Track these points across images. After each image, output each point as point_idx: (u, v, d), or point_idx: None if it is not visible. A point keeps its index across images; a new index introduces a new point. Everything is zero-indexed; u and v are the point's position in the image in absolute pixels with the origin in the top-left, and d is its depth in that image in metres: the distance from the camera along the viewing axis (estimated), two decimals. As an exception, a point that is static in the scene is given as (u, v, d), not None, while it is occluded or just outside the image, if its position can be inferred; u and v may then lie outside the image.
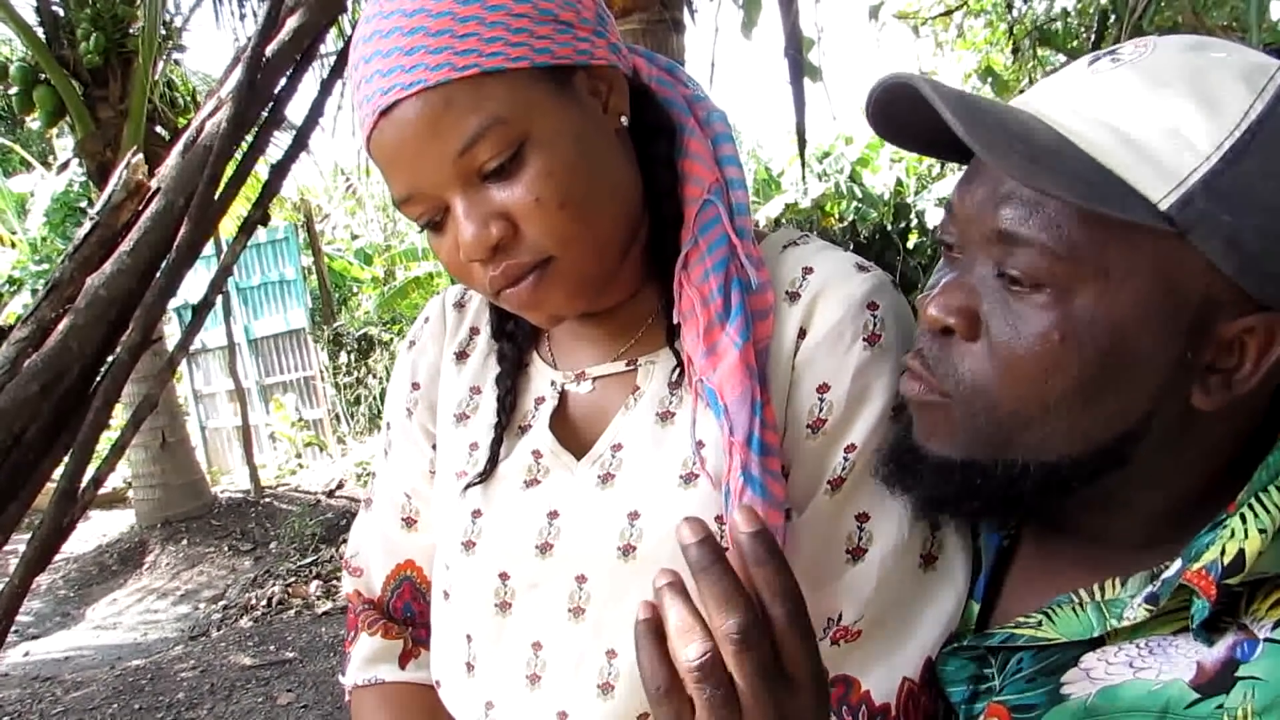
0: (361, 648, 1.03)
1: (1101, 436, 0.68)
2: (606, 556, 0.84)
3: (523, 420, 0.94)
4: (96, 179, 6.99)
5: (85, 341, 2.39)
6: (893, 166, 12.12)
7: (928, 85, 0.66)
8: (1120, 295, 0.63)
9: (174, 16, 6.96)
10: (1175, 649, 0.66)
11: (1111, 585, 0.72)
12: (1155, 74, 0.64)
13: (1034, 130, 0.65)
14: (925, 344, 0.74)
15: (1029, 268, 0.65)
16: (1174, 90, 0.63)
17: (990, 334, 0.69)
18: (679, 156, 0.88)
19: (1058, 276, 0.64)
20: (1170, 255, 0.62)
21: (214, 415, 11.55)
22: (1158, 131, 0.62)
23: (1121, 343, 0.64)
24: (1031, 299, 0.66)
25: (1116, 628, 0.69)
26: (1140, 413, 0.67)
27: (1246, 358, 0.64)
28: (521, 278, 0.79)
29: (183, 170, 2.41)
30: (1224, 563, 0.62)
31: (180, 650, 5.22)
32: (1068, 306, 0.65)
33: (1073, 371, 0.65)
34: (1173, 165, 0.61)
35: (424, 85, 0.73)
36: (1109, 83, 0.66)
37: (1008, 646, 0.76)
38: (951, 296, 0.71)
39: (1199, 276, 0.63)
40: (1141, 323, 0.64)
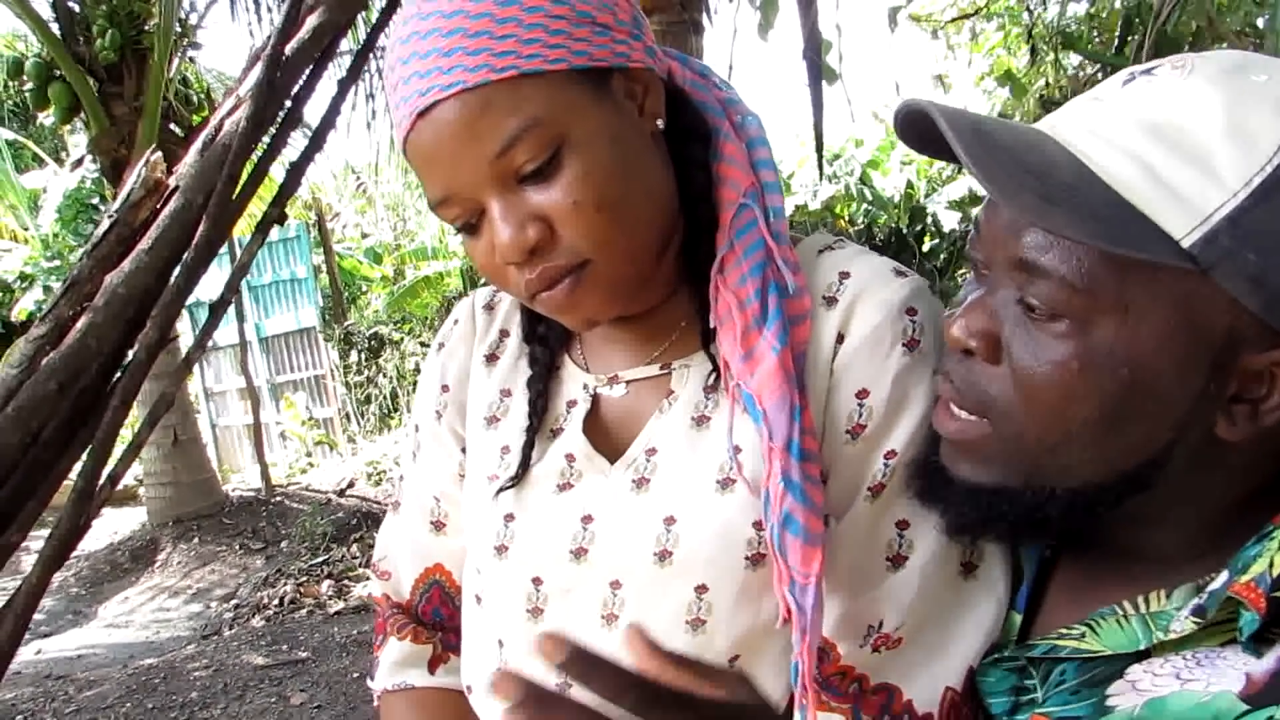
0: (390, 652, 1.02)
1: (1125, 464, 0.68)
2: (642, 561, 0.83)
3: (554, 424, 0.93)
4: (111, 176, 7.02)
5: (103, 339, 2.39)
6: (903, 169, 12.10)
7: (942, 117, 0.65)
8: (1140, 329, 0.63)
9: (189, 13, 6.99)
10: (1222, 660, 0.65)
11: (1156, 598, 0.71)
12: (1189, 100, 0.62)
13: (1053, 163, 0.64)
14: (952, 366, 0.74)
15: (1047, 298, 0.65)
16: (1206, 119, 0.61)
17: (1012, 358, 0.68)
18: (714, 160, 0.87)
19: (1076, 308, 0.64)
20: (1192, 291, 0.61)
21: (224, 413, 11.59)
22: (1185, 164, 0.60)
23: (1141, 375, 0.64)
24: (1050, 328, 0.66)
25: (1163, 640, 0.68)
26: (1163, 442, 0.66)
27: (1276, 389, 0.63)
28: (557, 281, 0.79)
29: (201, 169, 2.40)
30: (1273, 575, 0.62)
31: (192, 649, 5.23)
32: (1086, 338, 0.64)
33: (1093, 401, 0.65)
34: (1198, 201, 0.60)
35: (462, 86, 0.73)
36: (1141, 100, 0.64)
37: (1050, 658, 0.76)
38: (973, 319, 0.71)
39: (1223, 312, 0.62)
40: (1161, 357, 0.63)
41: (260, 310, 11.12)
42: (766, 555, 0.81)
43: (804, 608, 0.76)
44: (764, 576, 0.81)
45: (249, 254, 2.75)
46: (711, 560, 0.82)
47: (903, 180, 11.07)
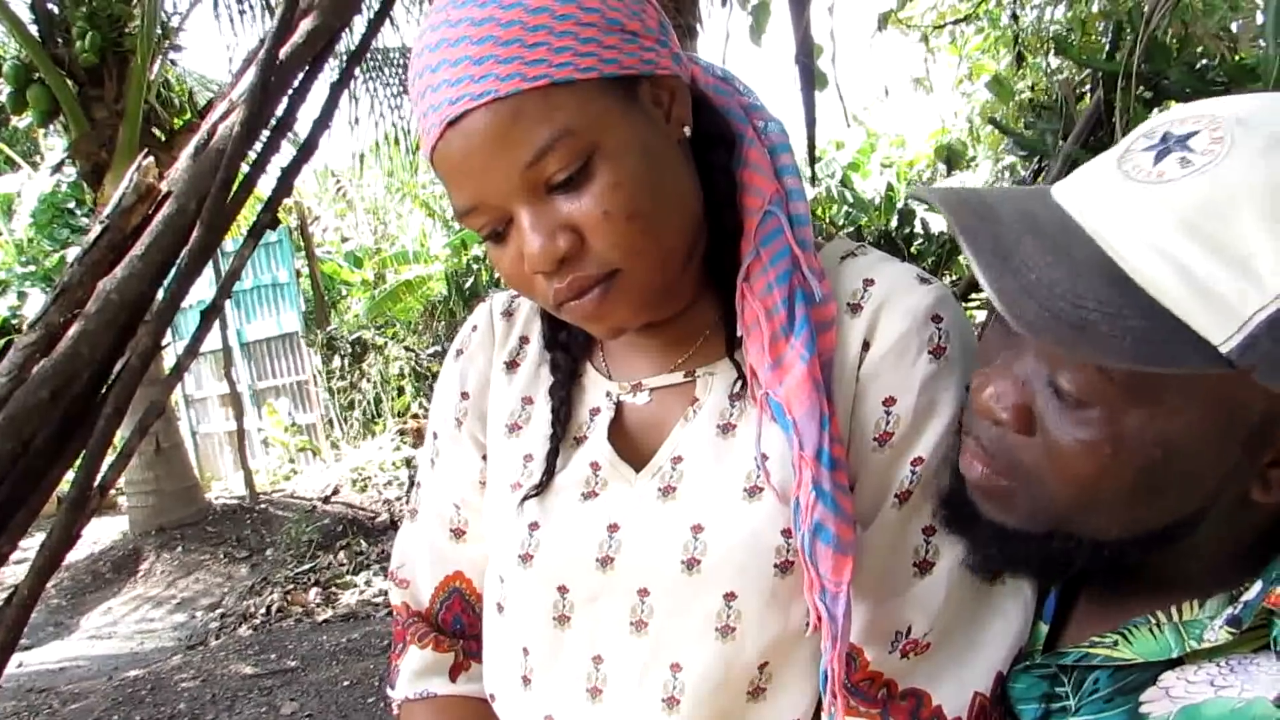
0: (411, 660, 1.02)
1: (1155, 524, 0.69)
2: (669, 570, 0.83)
3: (578, 431, 0.93)
4: (91, 180, 6.95)
5: (95, 347, 2.36)
6: (883, 172, 12.17)
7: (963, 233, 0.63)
8: (1174, 419, 0.63)
9: (171, 16, 6.93)
10: (1255, 667, 0.66)
11: (1189, 607, 0.72)
12: (1228, 190, 0.58)
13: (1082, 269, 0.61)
14: (981, 430, 0.73)
15: (1080, 387, 0.65)
16: (1245, 213, 0.57)
17: (1046, 431, 0.68)
18: (737, 166, 0.87)
19: (1109, 399, 0.64)
20: (1229, 388, 0.61)
21: (205, 420, 11.49)
22: (1224, 265, 0.57)
23: (1173, 455, 0.64)
24: (1082, 412, 0.65)
25: (1196, 649, 0.69)
26: (1194, 508, 0.67)
27: None
28: (587, 290, 0.78)
29: (195, 174, 2.38)
30: None
31: (179, 660, 5.17)
32: (1118, 425, 0.64)
33: (1125, 476, 0.65)
34: (1237, 304, 0.57)
35: (494, 96, 0.72)
36: (1176, 199, 0.59)
37: (1082, 666, 0.76)
38: (1004, 390, 0.70)
39: (1259, 400, 0.61)
40: (1195, 441, 0.63)
41: (242, 315, 11.03)
42: (795, 562, 0.81)
43: (835, 615, 0.76)
44: (792, 584, 0.81)
45: (240, 259, 2.73)
46: (740, 568, 0.82)
47: (883, 183, 11.12)
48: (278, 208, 2.69)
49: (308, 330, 10.73)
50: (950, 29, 8.47)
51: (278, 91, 2.45)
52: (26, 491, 2.34)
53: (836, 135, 12.22)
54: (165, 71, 7.29)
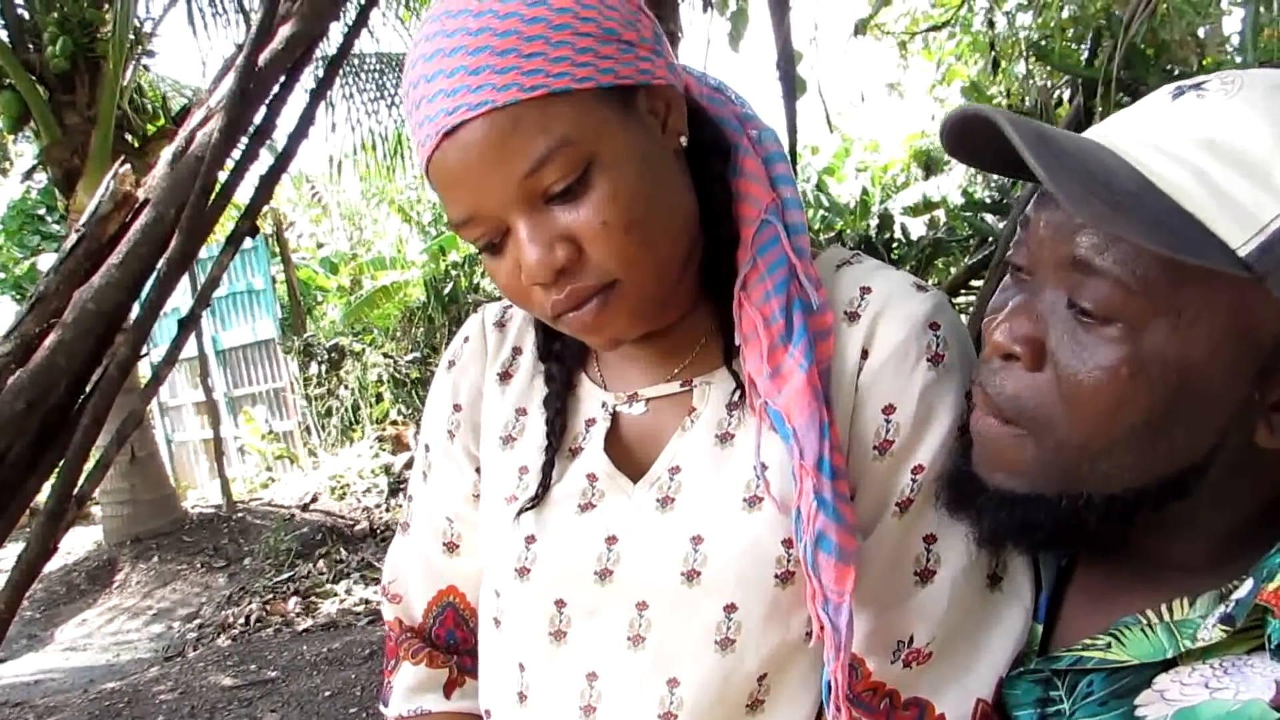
0: (404, 677, 1.00)
1: (1166, 470, 0.68)
2: (669, 582, 0.83)
3: (573, 443, 0.92)
4: (63, 186, 6.87)
5: (72, 357, 2.34)
6: (858, 176, 12.25)
7: (1008, 122, 0.65)
8: (1192, 335, 0.63)
9: (144, 21, 6.86)
10: (1250, 668, 0.66)
11: (1180, 606, 0.72)
12: (1241, 118, 0.63)
13: (1114, 172, 0.65)
14: (986, 376, 0.73)
15: (1102, 300, 0.65)
16: (1259, 136, 0.62)
17: (1057, 365, 0.68)
18: (733, 175, 0.87)
19: (1130, 311, 0.64)
20: (1246, 299, 0.62)
21: (180, 428, 11.37)
22: (1242, 177, 0.61)
23: (1189, 381, 0.64)
24: (1102, 331, 0.66)
25: (1189, 649, 0.69)
26: (1205, 448, 0.67)
27: None
28: (585, 301, 0.78)
29: (173, 181, 2.36)
30: None
31: (156, 671, 5.11)
32: (1138, 342, 0.64)
33: (1140, 406, 0.65)
34: (1255, 212, 0.61)
35: (491, 106, 0.72)
36: (1194, 117, 0.65)
37: (1076, 669, 0.76)
38: (1019, 324, 0.71)
39: (1274, 321, 0.63)
40: (1211, 363, 0.64)
41: (217, 322, 10.93)
42: (795, 573, 0.80)
43: (838, 626, 0.76)
44: (793, 594, 0.81)
45: (220, 267, 2.71)
46: (741, 579, 0.81)
47: (858, 187, 11.20)
48: (257, 215, 2.67)
49: (284, 337, 10.65)
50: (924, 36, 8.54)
51: (257, 98, 2.44)
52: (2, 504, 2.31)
53: (812, 140, 12.29)
54: (138, 77, 7.21)
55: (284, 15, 2.40)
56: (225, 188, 2.54)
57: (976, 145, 0.73)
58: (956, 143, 0.75)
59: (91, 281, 2.31)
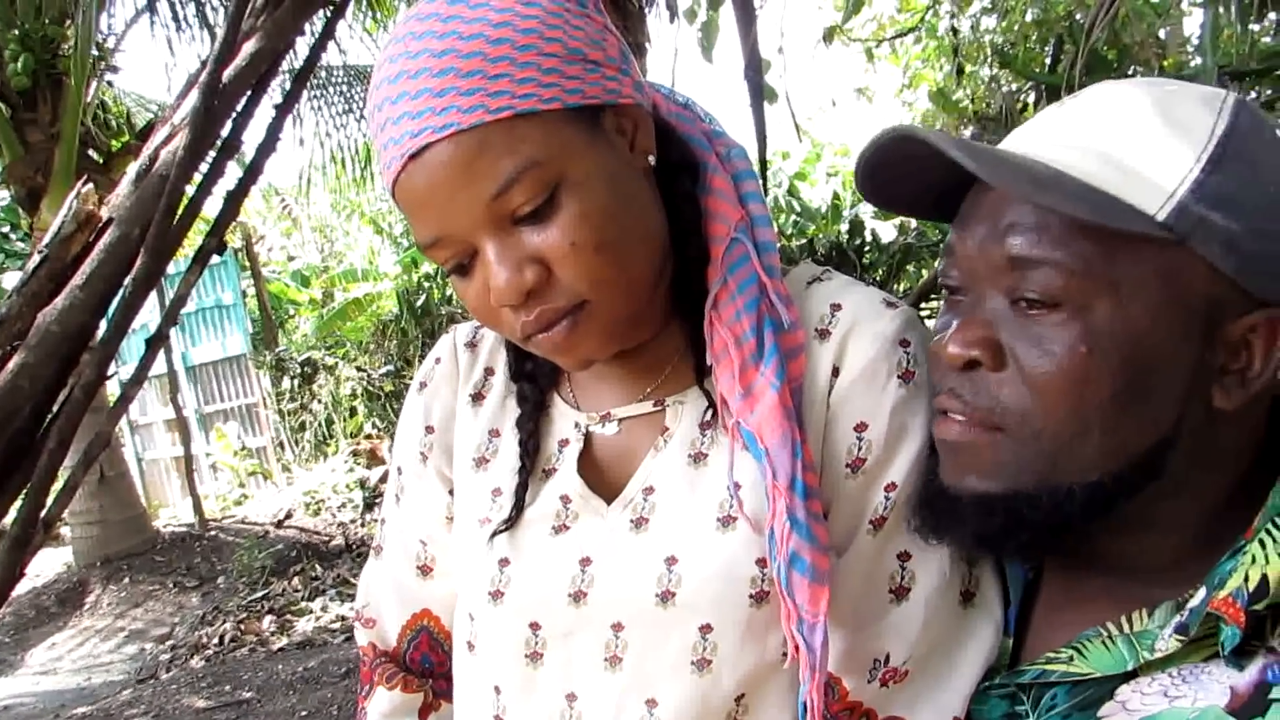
0: (379, 703, 0.99)
1: (1138, 447, 0.70)
2: (644, 603, 0.82)
3: (547, 464, 0.91)
4: (26, 204, 6.78)
5: (36, 379, 2.29)
6: (828, 181, 12.31)
7: (927, 132, 0.70)
8: (1134, 306, 0.67)
9: (107, 36, 6.79)
10: (1207, 675, 0.67)
11: (1139, 617, 0.73)
12: (1125, 107, 0.70)
13: (1030, 163, 0.69)
14: (954, 383, 0.74)
15: (1045, 286, 0.68)
16: (1145, 120, 0.69)
17: (1018, 360, 0.70)
18: (702, 193, 0.87)
19: (1073, 293, 0.67)
20: (1174, 263, 0.66)
21: (151, 446, 11.22)
22: (1142, 152, 0.67)
23: (1142, 350, 0.67)
24: (1050, 319, 0.68)
25: (1149, 659, 0.70)
26: (1172, 418, 0.69)
27: (1255, 355, 0.68)
28: (555, 322, 0.77)
29: (138, 200, 2.33)
30: (1249, 589, 0.64)
31: (129, 695, 5.03)
32: (1088, 320, 0.67)
33: (1104, 381, 0.67)
34: (1161, 180, 0.66)
35: (457, 128, 0.71)
36: (1083, 117, 0.72)
37: (1040, 683, 0.77)
38: (969, 331, 0.72)
39: (1202, 281, 0.67)
40: (1157, 330, 0.67)
41: (186, 339, 10.81)
42: (770, 592, 0.80)
43: (812, 646, 0.76)
44: (768, 614, 0.80)
45: (186, 285, 2.67)
46: (716, 599, 0.81)
47: (829, 191, 11.26)
48: (224, 232, 2.64)
49: (256, 352, 10.54)
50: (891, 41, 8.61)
51: (222, 114, 2.41)
52: (-33, 531, 2.27)
53: (783, 145, 12.34)
54: (102, 93, 7.14)
55: (248, 31, 2.38)
56: (191, 205, 2.51)
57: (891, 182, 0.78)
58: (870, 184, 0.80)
59: (55, 303, 2.27)
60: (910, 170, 0.75)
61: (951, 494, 0.75)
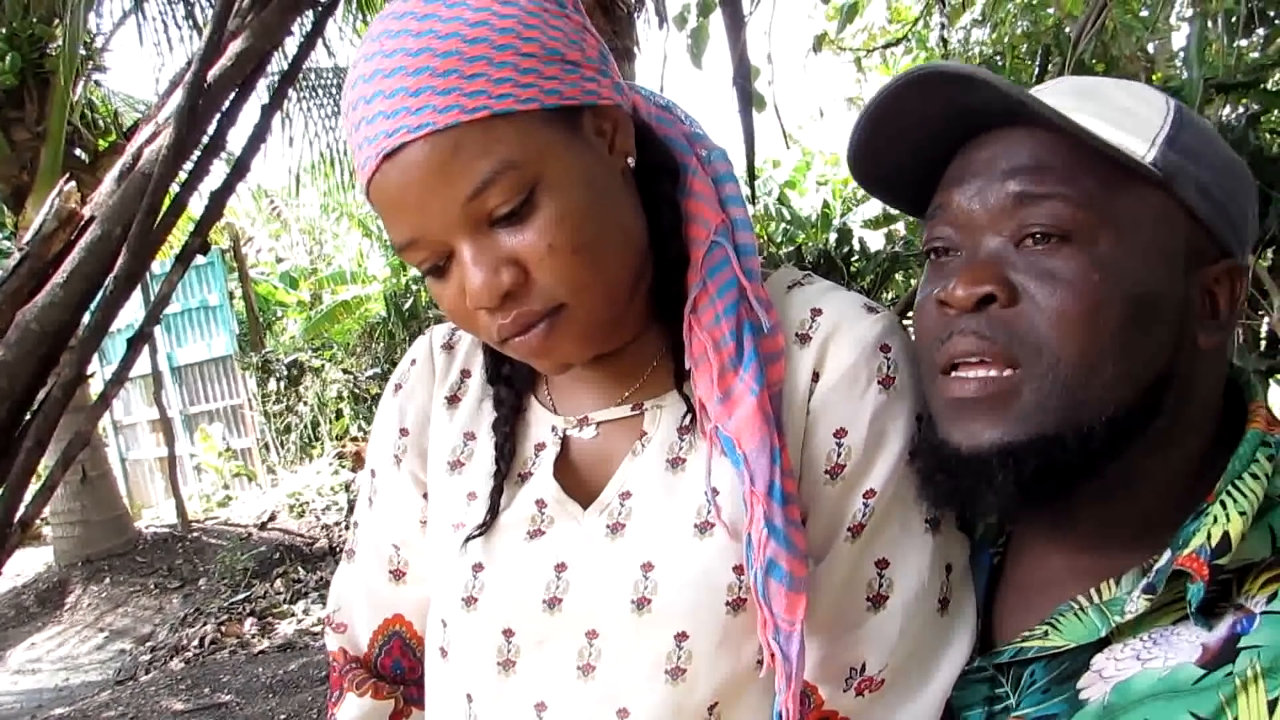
0: (349, 709, 0.98)
1: (1145, 378, 0.72)
2: (619, 610, 0.81)
3: (523, 468, 0.90)
4: (11, 203, 6.75)
5: (15, 378, 2.28)
6: (819, 189, 12.35)
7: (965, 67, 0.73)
8: (1133, 242, 0.71)
9: (95, 35, 6.75)
10: (1177, 636, 0.69)
11: (1107, 587, 0.75)
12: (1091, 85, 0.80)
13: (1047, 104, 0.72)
14: (968, 324, 0.73)
15: (1054, 218, 0.71)
16: (1113, 88, 0.78)
17: (1030, 294, 0.72)
18: (682, 196, 0.86)
19: (1080, 223, 0.70)
20: (1163, 206, 0.72)
21: (135, 446, 11.16)
22: (1119, 111, 0.74)
23: (1143, 283, 0.71)
24: (1060, 251, 0.71)
25: (1120, 624, 0.71)
26: (1169, 351, 0.72)
27: (1221, 299, 0.74)
28: (532, 325, 0.76)
29: (120, 199, 2.31)
30: (1211, 545, 0.67)
31: (107, 696, 4.99)
32: (1095, 251, 0.70)
33: (1115, 309, 0.70)
34: (1142, 129, 0.73)
35: (432, 128, 0.70)
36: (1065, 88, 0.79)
37: (1018, 661, 0.77)
38: (977, 271, 0.73)
39: (1183, 226, 0.72)
40: (1152, 265, 0.71)
41: (172, 339, 10.75)
42: (747, 600, 0.79)
43: (789, 655, 0.75)
44: (744, 622, 0.79)
45: (169, 285, 2.66)
46: (692, 607, 0.80)
47: (819, 200, 11.29)
48: (207, 232, 2.62)
49: (242, 353, 10.49)
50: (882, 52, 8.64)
51: (206, 114, 2.40)
52: (-58, 530, 2.24)
53: (773, 154, 12.37)
54: (89, 92, 7.10)
55: (234, 30, 2.36)
56: (174, 204, 2.49)
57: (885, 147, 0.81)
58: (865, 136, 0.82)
59: (35, 301, 2.26)
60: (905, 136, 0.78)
61: (969, 455, 0.73)
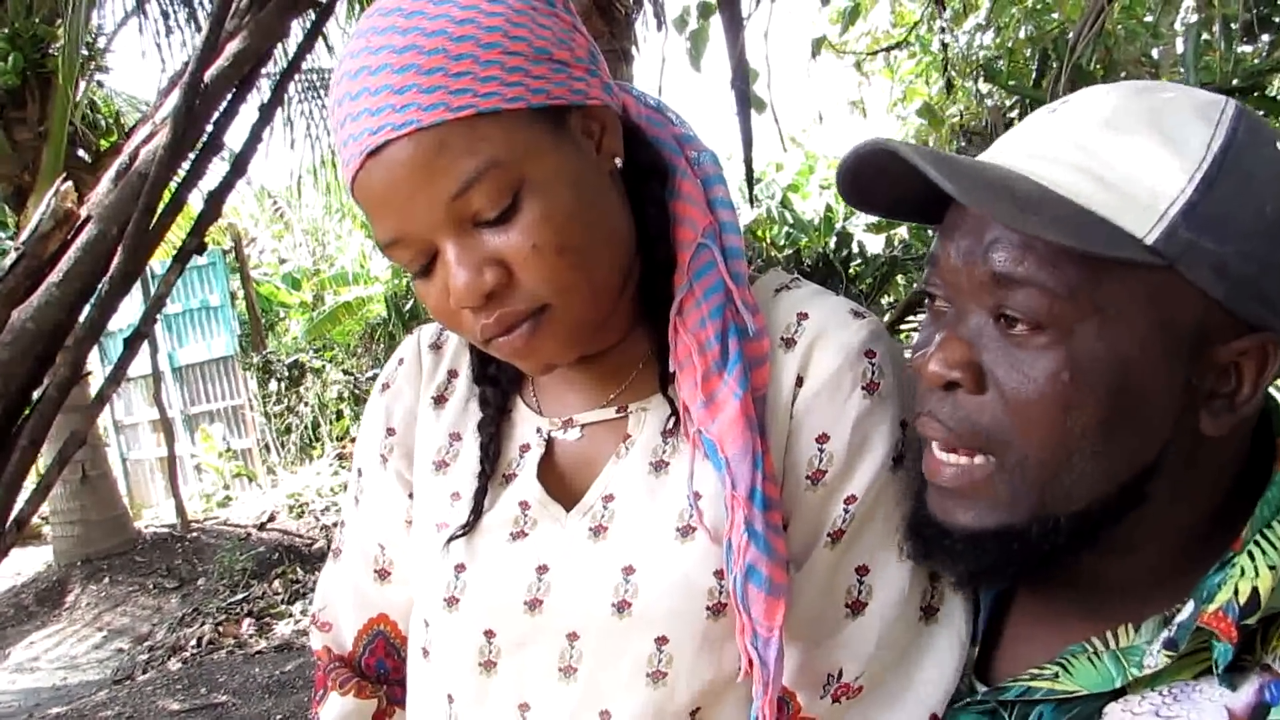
0: (331, 708, 0.98)
1: (1125, 473, 0.68)
2: (600, 613, 0.81)
3: (507, 469, 0.90)
4: (13, 203, 6.76)
5: (10, 378, 2.28)
6: (822, 193, 12.35)
7: (906, 147, 0.67)
8: (1119, 330, 0.64)
9: (97, 36, 6.76)
10: (1199, 694, 0.65)
11: (1125, 633, 0.72)
12: (1117, 119, 0.67)
13: (1013, 180, 0.66)
14: (934, 405, 0.72)
15: (1028, 308, 0.65)
16: (1137, 133, 0.65)
17: (999, 383, 0.68)
18: (670, 198, 0.86)
19: (1057, 316, 0.65)
20: (1162, 288, 0.64)
21: (136, 446, 11.16)
22: (1131, 171, 0.64)
23: (1128, 376, 0.65)
24: (1033, 341, 0.66)
25: (1137, 676, 0.68)
26: (1158, 444, 0.67)
27: (1245, 380, 0.66)
28: (515, 326, 0.76)
29: (117, 198, 2.31)
30: (1239, 603, 0.62)
31: (104, 695, 4.99)
32: (1071, 345, 0.65)
33: (1089, 408, 0.65)
34: (1151, 201, 0.63)
35: (417, 126, 0.70)
36: (1072, 127, 0.68)
37: (1024, 700, 0.75)
38: (950, 351, 0.70)
39: (1191, 306, 0.64)
40: (1144, 356, 0.65)
41: (174, 339, 10.76)
42: (728, 605, 0.79)
43: (766, 661, 0.75)
44: (725, 626, 0.79)
45: (166, 285, 2.66)
46: (672, 611, 0.80)
47: (822, 204, 11.30)
48: (204, 232, 2.62)
49: (243, 353, 10.50)
50: (886, 56, 8.63)
51: (204, 114, 2.40)
52: (-63, 529, 2.24)
53: (776, 157, 12.37)
54: (91, 92, 7.11)
55: (231, 31, 2.37)
56: (172, 204, 2.49)
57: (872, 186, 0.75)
58: (851, 188, 0.76)
59: (30, 300, 2.26)
60: (892, 178, 0.72)
61: (942, 529, 0.73)
